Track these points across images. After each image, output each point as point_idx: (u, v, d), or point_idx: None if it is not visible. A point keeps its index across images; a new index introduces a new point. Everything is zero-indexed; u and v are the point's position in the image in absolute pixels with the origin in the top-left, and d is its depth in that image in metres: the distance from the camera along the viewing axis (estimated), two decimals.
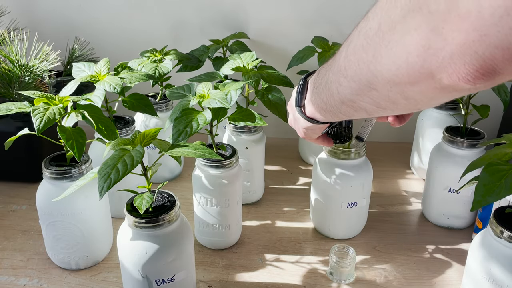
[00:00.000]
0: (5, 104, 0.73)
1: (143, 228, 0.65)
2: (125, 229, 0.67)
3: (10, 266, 0.82)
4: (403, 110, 0.45)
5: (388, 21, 0.37)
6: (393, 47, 0.37)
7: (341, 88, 0.48)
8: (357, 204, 0.86)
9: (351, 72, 0.45)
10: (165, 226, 0.65)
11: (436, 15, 0.32)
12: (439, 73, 0.34)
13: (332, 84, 0.50)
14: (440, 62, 0.33)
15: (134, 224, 0.65)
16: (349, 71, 0.45)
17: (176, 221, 0.67)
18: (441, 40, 0.32)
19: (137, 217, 0.64)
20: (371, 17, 0.40)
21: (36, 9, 1.27)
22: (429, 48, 0.33)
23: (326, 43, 1.09)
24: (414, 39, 0.34)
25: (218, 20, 1.22)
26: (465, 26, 0.30)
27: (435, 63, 0.33)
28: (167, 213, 0.65)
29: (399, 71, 0.37)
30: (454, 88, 0.35)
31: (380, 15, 0.38)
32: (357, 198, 0.86)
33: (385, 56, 0.38)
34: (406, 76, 0.37)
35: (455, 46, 0.31)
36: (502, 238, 0.64)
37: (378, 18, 0.39)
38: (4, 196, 1.02)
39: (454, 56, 0.32)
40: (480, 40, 0.30)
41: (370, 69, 0.41)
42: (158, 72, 0.94)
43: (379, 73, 0.40)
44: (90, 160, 0.78)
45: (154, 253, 0.64)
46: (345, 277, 0.79)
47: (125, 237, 0.66)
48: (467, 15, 0.30)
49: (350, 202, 0.85)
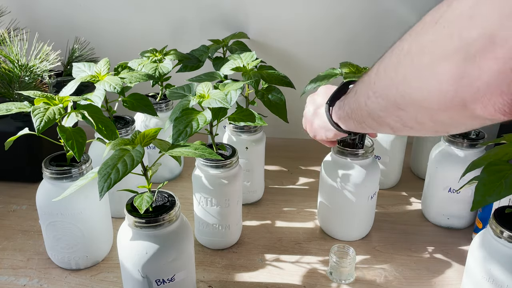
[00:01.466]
0: (5, 104, 0.73)
1: (143, 228, 0.65)
2: (125, 229, 0.67)
3: (10, 266, 0.82)
4: (430, 132, 0.43)
5: (418, 45, 0.36)
6: (424, 72, 0.35)
7: (369, 101, 0.48)
8: (367, 202, 0.86)
9: (380, 89, 0.44)
10: (165, 226, 0.65)
11: (468, 43, 0.30)
12: (473, 104, 0.32)
13: (361, 96, 0.50)
14: (475, 92, 0.31)
15: (134, 224, 0.65)
16: (378, 88, 0.45)
17: (176, 221, 0.67)
18: (476, 69, 0.30)
19: (137, 217, 0.64)
20: (405, 38, 0.39)
21: (36, 9, 1.27)
22: (462, 78, 0.31)
23: (356, 66, 0.97)
24: (446, 67, 0.32)
25: (218, 20, 1.22)
26: (501, 54, 0.28)
27: (469, 93, 0.32)
28: (167, 213, 0.65)
29: (429, 97, 0.36)
30: (488, 119, 0.33)
31: (413, 38, 0.37)
32: (365, 197, 0.86)
33: (415, 79, 0.37)
34: (437, 103, 0.35)
35: (492, 76, 0.29)
36: (502, 238, 0.64)
37: (410, 40, 0.38)
38: (4, 196, 1.02)
39: (491, 86, 0.30)
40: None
41: (398, 90, 0.40)
42: (158, 72, 0.94)
43: (408, 95, 0.39)
44: (90, 160, 0.78)
45: (154, 253, 0.64)
46: (345, 277, 0.79)
47: (125, 237, 0.66)
48: (503, 42, 0.28)
49: (361, 201, 0.86)
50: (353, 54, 1.20)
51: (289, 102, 0.94)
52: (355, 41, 1.19)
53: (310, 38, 1.21)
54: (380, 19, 1.16)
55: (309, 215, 0.98)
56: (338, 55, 1.22)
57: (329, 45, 1.21)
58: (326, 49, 1.21)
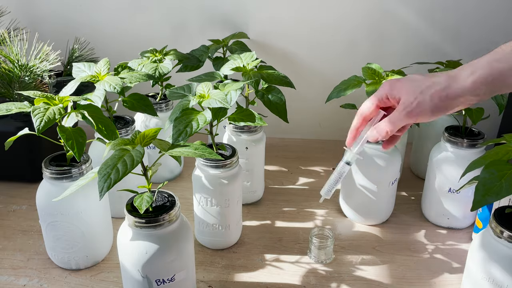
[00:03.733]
0: (5, 104, 0.73)
1: (143, 228, 0.65)
2: (125, 229, 0.67)
3: (10, 266, 0.82)
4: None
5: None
6: None
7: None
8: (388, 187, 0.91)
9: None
10: (165, 226, 0.65)
11: None
12: None
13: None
14: None
15: (134, 224, 0.65)
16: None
17: (176, 221, 0.67)
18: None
19: (137, 217, 0.64)
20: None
21: (36, 9, 1.27)
22: None
23: (378, 73, 0.93)
24: None
25: (218, 20, 1.22)
26: None
27: None
28: (167, 213, 0.65)
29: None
30: None
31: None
32: (387, 183, 0.90)
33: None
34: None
35: None
36: (502, 238, 0.64)
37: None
38: (4, 196, 1.02)
39: None
40: None
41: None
42: (158, 72, 0.94)
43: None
44: (90, 160, 0.78)
45: (154, 253, 0.64)
46: (324, 257, 0.84)
47: (125, 237, 0.66)
48: None
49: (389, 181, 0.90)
50: (354, 54, 1.20)
51: (289, 102, 0.94)
52: (355, 41, 1.19)
53: (310, 38, 1.21)
54: (381, 20, 1.16)
55: (309, 215, 0.98)
56: (338, 55, 1.22)
57: (330, 45, 1.21)
58: (326, 49, 1.21)
